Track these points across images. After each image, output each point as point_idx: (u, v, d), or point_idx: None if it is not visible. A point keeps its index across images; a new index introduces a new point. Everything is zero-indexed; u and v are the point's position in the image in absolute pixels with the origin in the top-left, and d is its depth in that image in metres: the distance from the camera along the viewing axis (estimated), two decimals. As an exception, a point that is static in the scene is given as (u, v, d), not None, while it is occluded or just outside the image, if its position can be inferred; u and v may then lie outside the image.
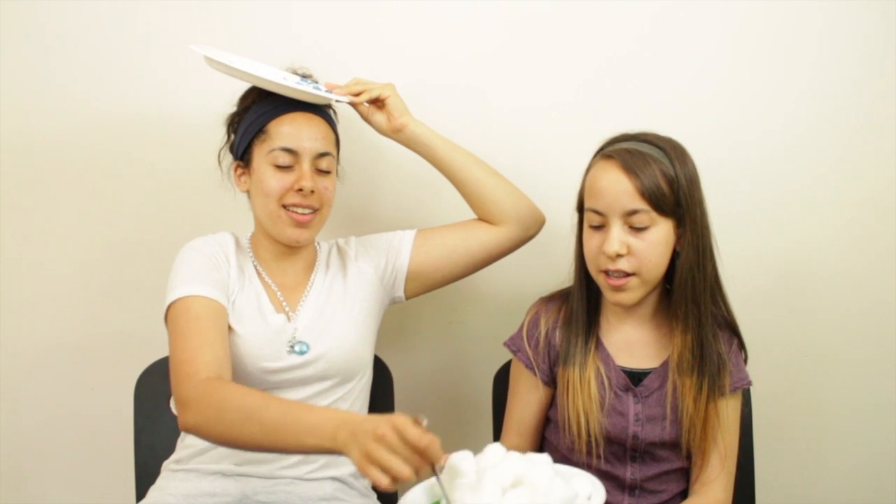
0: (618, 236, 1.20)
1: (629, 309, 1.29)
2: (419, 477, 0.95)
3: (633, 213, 1.19)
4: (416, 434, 0.93)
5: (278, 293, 1.35)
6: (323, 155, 1.31)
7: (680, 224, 1.22)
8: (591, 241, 1.24)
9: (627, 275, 1.21)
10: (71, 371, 1.69)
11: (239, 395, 1.13)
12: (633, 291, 1.23)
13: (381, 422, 0.95)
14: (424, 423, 0.95)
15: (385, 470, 0.93)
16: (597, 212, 1.22)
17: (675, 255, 1.24)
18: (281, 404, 1.11)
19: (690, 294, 1.23)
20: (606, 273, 1.23)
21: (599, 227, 1.23)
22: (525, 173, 1.47)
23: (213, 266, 1.30)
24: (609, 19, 1.58)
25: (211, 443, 1.19)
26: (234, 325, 1.28)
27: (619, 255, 1.20)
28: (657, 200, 1.18)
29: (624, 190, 1.19)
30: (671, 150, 1.22)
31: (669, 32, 1.58)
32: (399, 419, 0.94)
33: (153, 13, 1.58)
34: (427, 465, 0.94)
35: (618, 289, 1.23)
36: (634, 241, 1.20)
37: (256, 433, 1.08)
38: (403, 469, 0.92)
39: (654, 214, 1.19)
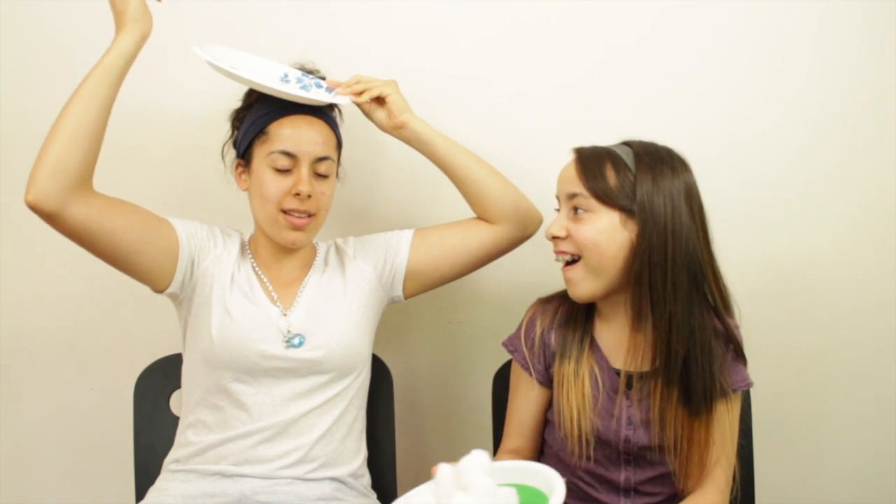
0: (559, 220, 1.25)
1: (606, 308, 1.28)
2: None
3: (573, 196, 1.23)
4: None
5: (273, 292, 1.35)
6: (322, 159, 1.31)
7: (630, 219, 1.20)
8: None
9: (573, 261, 1.24)
10: (71, 371, 1.69)
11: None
12: (582, 284, 1.23)
13: None
14: None
15: None
16: (558, 199, 1.28)
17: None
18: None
19: (647, 292, 1.19)
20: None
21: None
22: (523, 172, 1.47)
23: (201, 228, 1.34)
24: (609, 21, 1.58)
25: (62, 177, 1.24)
26: (230, 308, 1.29)
27: (556, 238, 1.24)
28: (596, 187, 1.21)
29: (568, 175, 1.25)
30: (645, 156, 1.21)
31: (669, 34, 1.58)
32: None
33: (155, 11, 1.58)
34: None
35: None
36: (574, 226, 1.23)
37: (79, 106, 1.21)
38: None
39: (592, 201, 1.21)
